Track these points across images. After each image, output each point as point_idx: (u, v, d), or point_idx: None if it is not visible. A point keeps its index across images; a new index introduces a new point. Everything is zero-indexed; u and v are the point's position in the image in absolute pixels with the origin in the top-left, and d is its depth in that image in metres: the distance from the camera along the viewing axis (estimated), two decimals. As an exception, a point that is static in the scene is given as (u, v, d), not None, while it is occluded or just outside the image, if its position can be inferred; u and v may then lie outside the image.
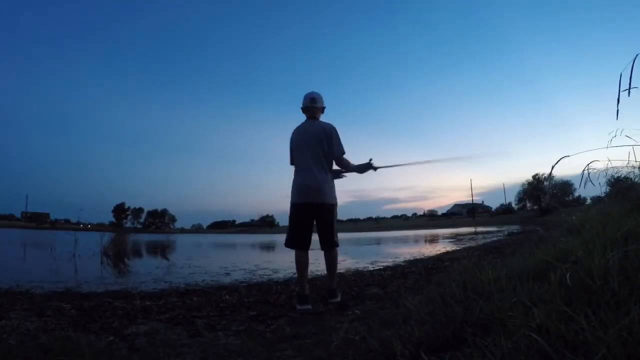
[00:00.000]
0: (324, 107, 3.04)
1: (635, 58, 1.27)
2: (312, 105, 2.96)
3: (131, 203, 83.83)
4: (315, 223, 2.83)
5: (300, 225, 2.80)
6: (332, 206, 2.86)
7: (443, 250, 8.08)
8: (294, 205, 2.85)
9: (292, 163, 3.00)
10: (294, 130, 3.00)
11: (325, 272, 2.94)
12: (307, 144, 2.87)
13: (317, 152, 2.86)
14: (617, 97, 1.31)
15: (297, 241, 2.78)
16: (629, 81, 1.27)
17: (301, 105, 3.01)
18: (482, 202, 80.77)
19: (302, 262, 2.73)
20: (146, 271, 5.36)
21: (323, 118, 3.05)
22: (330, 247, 2.83)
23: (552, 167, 1.61)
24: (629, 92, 1.28)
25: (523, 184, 53.72)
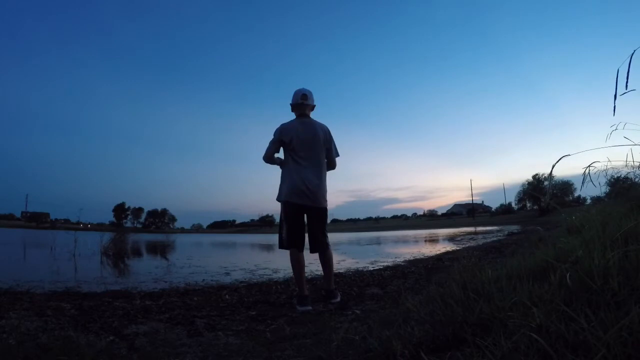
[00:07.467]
0: (314, 105, 2.96)
1: (633, 54, 1.26)
2: (303, 102, 2.88)
3: (131, 203, 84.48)
4: (307, 224, 2.83)
5: (297, 224, 2.79)
6: (326, 209, 2.91)
7: (443, 250, 8.07)
8: (291, 205, 2.78)
9: (268, 159, 2.84)
10: (288, 126, 2.84)
11: (322, 273, 2.93)
12: (312, 142, 2.82)
13: (321, 152, 2.85)
14: (614, 93, 1.30)
15: (295, 241, 2.75)
16: (626, 77, 1.26)
17: (291, 102, 2.92)
18: (482, 202, 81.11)
19: (300, 262, 2.72)
20: (146, 271, 5.35)
21: (313, 116, 2.95)
22: (325, 248, 2.84)
23: (552, 167, 1.59)
24: (627, 85, 1.27)
25: (523, 184, 53.84)
